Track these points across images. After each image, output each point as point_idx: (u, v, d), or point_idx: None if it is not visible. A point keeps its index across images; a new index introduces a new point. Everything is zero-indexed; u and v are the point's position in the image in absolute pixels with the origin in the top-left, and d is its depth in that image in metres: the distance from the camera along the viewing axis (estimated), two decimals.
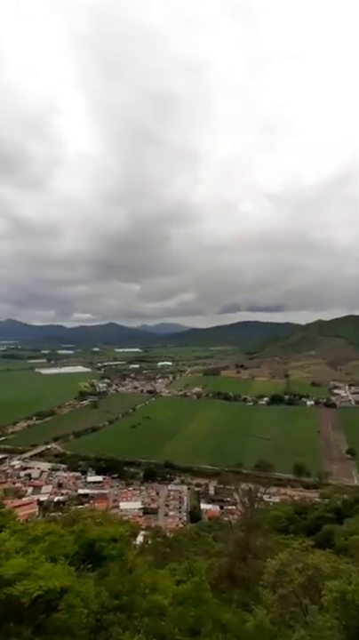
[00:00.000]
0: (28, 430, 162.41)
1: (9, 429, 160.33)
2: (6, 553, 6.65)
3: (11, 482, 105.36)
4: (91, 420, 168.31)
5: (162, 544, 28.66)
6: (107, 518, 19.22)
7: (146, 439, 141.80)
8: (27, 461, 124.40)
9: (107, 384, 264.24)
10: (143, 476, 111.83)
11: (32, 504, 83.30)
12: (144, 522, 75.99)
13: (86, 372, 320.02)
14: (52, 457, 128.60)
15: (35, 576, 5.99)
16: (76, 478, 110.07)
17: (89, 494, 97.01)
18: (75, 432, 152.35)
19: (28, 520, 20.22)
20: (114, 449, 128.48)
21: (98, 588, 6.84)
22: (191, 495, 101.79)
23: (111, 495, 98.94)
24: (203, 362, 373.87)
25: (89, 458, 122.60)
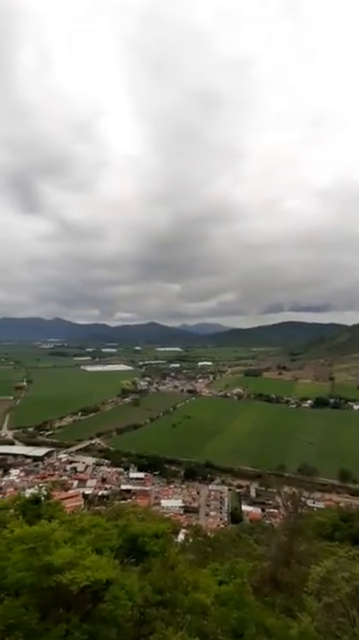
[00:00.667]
0: (74, 425, 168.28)
1: (56, 424, 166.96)
2: (56, 542, 6.97)
3: (58, 474, 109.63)
4: (133, 418, 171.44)
5: (203, 543, 28.68)
6: (149, 514, 19.54)
7: (186, 438, 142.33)
8: (72, 455, 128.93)
9: (148, 382, 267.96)
10: (184, 475, 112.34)
11: (78, 497, 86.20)
12: (185, 520, 76.35)
13: (128, 371, 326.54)
14: (96, 452, 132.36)
15: (82, 566, 6.23)
16: (119, 474, 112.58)
17: (131, 490, 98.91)
18: (117, 429, 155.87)
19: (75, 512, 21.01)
20: (155, 447, 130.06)
21: (141, 582, 6.99)
22: (232, 496, 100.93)
23: (152, 492, 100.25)
24: (244, 362, 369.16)
25: (131, 454, 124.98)
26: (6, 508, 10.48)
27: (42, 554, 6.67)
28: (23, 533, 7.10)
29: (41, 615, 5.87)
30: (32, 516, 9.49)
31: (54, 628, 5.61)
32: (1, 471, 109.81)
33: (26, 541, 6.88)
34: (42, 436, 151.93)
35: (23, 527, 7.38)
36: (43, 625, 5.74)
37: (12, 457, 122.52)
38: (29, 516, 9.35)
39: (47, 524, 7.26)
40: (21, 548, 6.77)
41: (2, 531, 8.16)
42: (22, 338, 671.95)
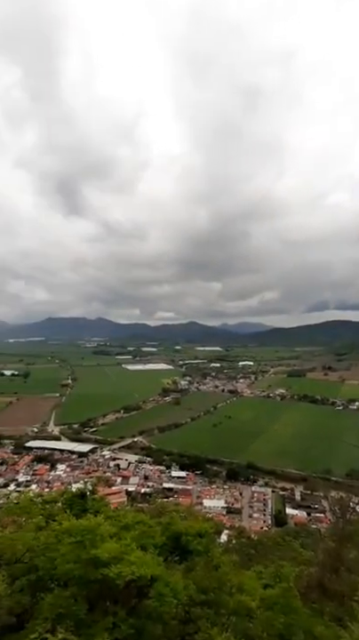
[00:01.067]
0: (116, 423, 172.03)
1: (99, 421, 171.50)
2: (102, 536, 7.14)
3: (102, 471, 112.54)
4: (174, 417, 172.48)
5: (246, 545, 28.31)
6: (191, 513, 19.57)
7: (227, 438, 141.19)
8: (115, 452, 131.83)
9: (189, 382, 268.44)
10: (226, 475, 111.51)
11: (121, 493, 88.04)
12: (227, 521, 75.78)
13: (169, 370, 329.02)
14: (139, 450, 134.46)
15: (127, 561, 6.34)
16: (161, 472, 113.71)
17: (173, 489, 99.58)
18: (159, 427, 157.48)
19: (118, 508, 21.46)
20: (196, 446, 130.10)
21: (185, 580, 6.99)
22: (275, 499, 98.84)
23: (194, 491, 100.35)
24: (286, 362, 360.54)
25: (172, 453, 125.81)
26: (54, 502, 10.87)
27: (89, 547, 6.85)
28: (71, 526, 7.33)
29: (89, 607, 6.03)
30: (79, 509, 9.78)
31: (102, 620, 5.74)
32: (48, 466, 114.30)
33: (73, 534, 7.10)
34: (86, 432, 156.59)
35: (71, 520, 7.61)
36: (91, 616, 5.90)
37: (59, 452, 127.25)
38: (76, 510, 9.64)
39: (93, 519, 7.45)
40: (69, 540, 7.00)
41: (51, 523, 8.47)
42: (67, 337, 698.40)
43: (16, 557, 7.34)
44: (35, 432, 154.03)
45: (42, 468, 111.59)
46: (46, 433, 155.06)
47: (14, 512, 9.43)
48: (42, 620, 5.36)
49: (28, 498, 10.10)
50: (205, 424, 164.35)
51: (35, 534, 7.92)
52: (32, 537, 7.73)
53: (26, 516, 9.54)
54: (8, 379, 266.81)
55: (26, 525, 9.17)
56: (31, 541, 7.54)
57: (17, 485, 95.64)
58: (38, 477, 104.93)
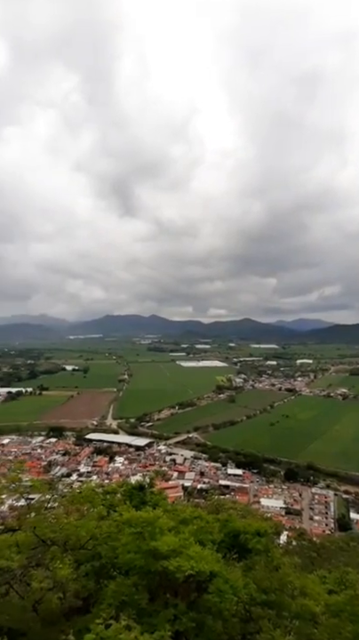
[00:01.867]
0: (172, 418, 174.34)
1: (155, 416, 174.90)
2: (160, 529, 7.26)
3: (158, 465, 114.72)
4: (229, 414, 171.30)
5: (308, 548, 27.41)
6: (249, 512, 19.32)
7: (285, 438, 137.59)
8: (171, 447, 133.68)
9: (244, 379, 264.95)
10: (284, 475, 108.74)
11: (177, 488, 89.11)
12: (287, 522, 73.92)
13: (223, 367, 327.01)
14: (194, 446, 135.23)
15: (186, 555, 6.39)
16: (217, 469, 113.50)
17: (229, 486, 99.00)
18: (214, 424, 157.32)
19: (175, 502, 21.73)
20: (252, 444, 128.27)
21: (245, 579, 6.90)
22: (338, 502, 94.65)
23: (251, 490, 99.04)
24: (349, 361, 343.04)
25: (228, 451, 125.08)
26: (114, 493, 11.22)
27: (148, 539, 6.99)
28: (131, 517, 7.52)
29: (150, 597, 6.16)
30: (138, 501, 10.03)
31: (163, 611, 5.84)
32: (107, 458, 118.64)
33: (133, 525, 7.28)
34: (142, 427, 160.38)
35: (131, 512, 7.80)
36: (152, 606, 6.02)
37: (117, 445, 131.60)
38: (135, 502, 9.89)
39: (152, 511, 7.58)
40: (130, 531, 7.19)
41: (112, 513, 8.76)
42: (123, 334, 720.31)
43: (80, 544, 7.67)
44: (95, 425, 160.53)
45: (101, 460, 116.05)
46: (105, 426, 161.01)
47: (78, 501, 9.85)
48: (106, 606, 5.56)
49: (90, 488, 10.51)
50: (262, 422, 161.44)
51: (97, 523, 8.23)
52: (95, 525, 8.03)
53: (88, 505, 9.92)
54: (69, 373, 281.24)
55: (88, 514, 9.54)
56: (94, 530, 7.84)
57: (79, 476, 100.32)
58: (98, 469, 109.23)
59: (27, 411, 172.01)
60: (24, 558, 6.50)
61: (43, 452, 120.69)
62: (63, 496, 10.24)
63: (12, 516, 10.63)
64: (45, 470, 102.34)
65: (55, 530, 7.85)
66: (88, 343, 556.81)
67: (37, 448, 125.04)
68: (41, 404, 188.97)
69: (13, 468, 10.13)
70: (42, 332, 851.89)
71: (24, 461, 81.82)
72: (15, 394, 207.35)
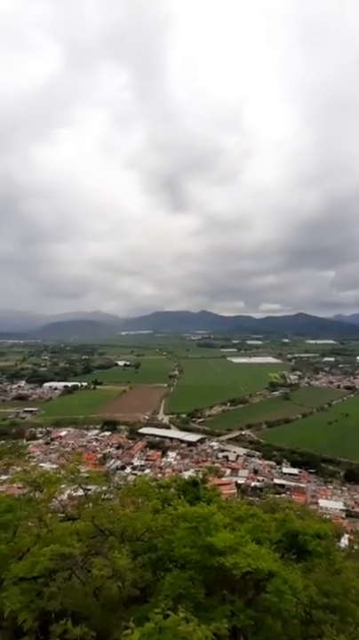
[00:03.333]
0: (223, 415, 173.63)
1: (206, 412, 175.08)
2: (216, 525, 7.23)
3: (210, 461, 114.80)
4: (283, 412, 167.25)
5: None
6: (306, 512, 18.73)
7: (345, 437, 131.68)
8: (223, 444, 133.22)
9: (299, 376, 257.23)
10: (344, 476, 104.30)
11: (231, 485, 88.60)
12: (348, 525, 70.81)
13: (276, 363, 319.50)
14: (247, 443, 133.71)
15: (243, 553, 6.30)
16: (271, 467, 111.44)
17: (285, 485, 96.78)
18: (267, 422, 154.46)
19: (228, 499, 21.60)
20: (308, 443, 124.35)
21: (305, 580, 6.69)
22: None
23: (308, 490, 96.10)
24: None
25: (283, 449, 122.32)
26: (168, 487, 11.34)
27: (203, 534, 6.98)
28: (186, 512, 7.56)
29: (206, 592, 6.17)
30: (192, 497, 10.06)
31: (220, 607, 5.82)
32: (160, 452, 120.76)
33: (188, 520, 7.31)
34: (193, 422, 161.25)
35: (185, 506, 7.84)
36: (209, 601, 6.02)
37: (169, 440, 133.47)
38: (189, 497, 9.93)
39: (207, 507, 7.57)
40: (185, 525, 7.23)
41: (166, 507, 8.87)
42: (173, 330, 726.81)
43: (136, 536, 7.83)
44: (147, 419, 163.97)
45: (154, 454, 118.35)
46: (157, 421, 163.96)
47: (133, 493, 10.08)
48: (163, 597, 5.63)
49: (145, 481, 10.71)
50: (319, 421, 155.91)
51: (152, 516, 8.36)
52: (150, 518, 8.16)
53: (143, 498, 10.11)
54: (121, 369, 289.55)
55: (144, 507, 9.72)
56: (149, 522, 7.97)
57: (132, 469, 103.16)
58: (151, 463, 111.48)
59: (82, 404, 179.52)
60: (84, 546, 6.77)
61: (99, 445, 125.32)
62: (118, 488, 10.53)
63: (72, 505, 11.12)
64: (101, 463, 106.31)
65: (112, 520, 8.08)
66: (139, 339, 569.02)
67: (93, 441, 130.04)
68: (95, 398, 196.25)
69: (72, 460, 10.57)
70: (95, 328, 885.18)
71: (81, 453, 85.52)
72: (71, 388, 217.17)
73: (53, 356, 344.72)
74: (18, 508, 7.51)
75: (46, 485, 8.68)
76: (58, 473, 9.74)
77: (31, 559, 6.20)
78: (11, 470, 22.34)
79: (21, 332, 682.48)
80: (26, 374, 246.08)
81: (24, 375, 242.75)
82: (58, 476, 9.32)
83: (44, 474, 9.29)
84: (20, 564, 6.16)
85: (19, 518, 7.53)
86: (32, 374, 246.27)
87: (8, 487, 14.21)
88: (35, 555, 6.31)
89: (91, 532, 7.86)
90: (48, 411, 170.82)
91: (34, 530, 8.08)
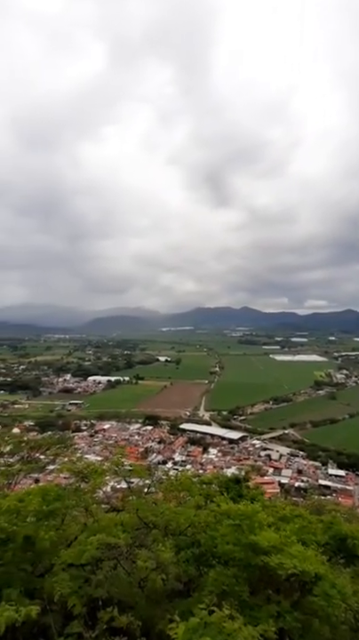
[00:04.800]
0: (265, 413, 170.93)
1: (248, 410, 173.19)
2: (260, 524, 7.10)
3: (252, 459, 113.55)
4: (329, 412, 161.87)
5: None
6: (354, 516, 18.02)
7: None
8: (266, 442, 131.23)
9: (346, 375, 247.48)
10: None
11: (274, 484, 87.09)
12: None
13: (321, 362, 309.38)
14: (291, 442, 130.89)
15: (288, 554, 6.15)
16: (316, 468, 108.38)
17: (330, 487, 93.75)
18: (312, 421, 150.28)
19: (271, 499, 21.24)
20: (356, 444, 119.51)
21: (354, 586, 6.42)
22: None
23: (356, 493, 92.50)
24: None
25: (328, 450, 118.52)
26: (210, 483, 11.31)
27: (247, 532, 6.87)
28: (229, 509, 7.48)
29: (250, 591, 6.09)
30: (234, 494, 9.95)
31: (265, 606, 5.71)
32: (201, 448, 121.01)
33: (232, 517, 7.23)
34: (235, 420, 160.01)
35: (228, 504, 7.77)
36: (254, 600, 5.93)
37: (210, 437, 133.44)
38: (232, 494, 9.83)
39: (251, 505, 7.45)
40: (228, 522, 7.16)
41: (209, 504, 8.84)
42: (213, 326, 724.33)
43: (180, 530, 7.87)
44: (188, 415, 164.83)
45: (195, 450, 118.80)
46: (197, 417, 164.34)
47: (176, 488, 10.11)
48: (207, 593, 5.63)
49: (187, 477, 10.72)
50: None
51: (195, 511, 8.36)
52: (193, 513, 8.17)
53: (186, 493, 10.13)
54: (162, 364, 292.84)
55: (186, 502, 9.74)
56: (192, 517, 7.99)
57: (174, 464, 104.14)
58: (192, 459, 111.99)
59: (124, 398, 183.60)
60: (129, 537, 6.90)
61: (140, 439, 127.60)
62: (161, 482, 10.62)
63: (115, 497, 11.37)
64: (142, 457, 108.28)
65: (156, 514, 8.17)
66: (180, 335, 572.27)
67: (135, 435, 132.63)
68: (137, 393, 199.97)
69: (116, 453, 10.78)
70: (137, 324, 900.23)
71: (124, 447, 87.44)
72: (114, 382, 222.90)
73: (97, 350, 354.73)
74: (66, 498, 7.77)
75: (92, 476, 8.92)
76: (102, 465, 9.98)
77: (79, 547, 6.40)
78: (59, 461, 23.31)
79: (67, 327, 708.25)
80: (71, 368, 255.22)
81: (69, 369, 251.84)
82: (103, 467, 9.54)
83: (90, 465, 9.55)
84: (69, 550, 6.39)
85: (67, 507, 7.78)
86: (77, 368, 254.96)
87: (55, 477, 14.82)
88: (82, 543, 6.50)
89: (135, 524, 8.00)
90: (92, 404, 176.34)
91: (81, 519, 8.34)
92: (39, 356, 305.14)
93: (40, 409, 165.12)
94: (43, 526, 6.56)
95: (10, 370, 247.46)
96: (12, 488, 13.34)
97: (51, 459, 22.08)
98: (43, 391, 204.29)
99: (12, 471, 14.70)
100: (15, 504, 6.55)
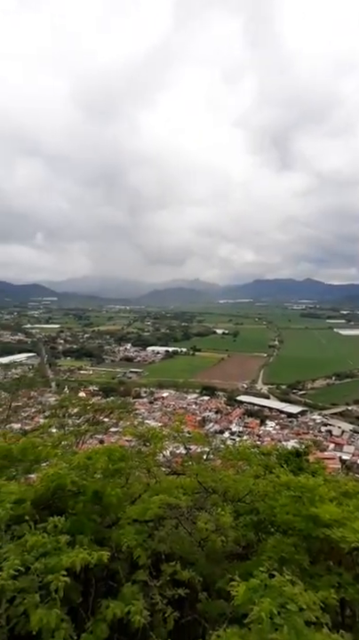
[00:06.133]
0: (327, 389, 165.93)
1: (308, 385, 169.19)
2: (321, 497, 7.01)
3: (312, 434, 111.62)
4: None
5: None
6: None
7: None
8: (327, 418, 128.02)
9: None
10: None
11: (335, 460, 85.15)
12: None
13: None
14: (354, 419, 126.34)
15: (351, 528, 6.04)
16: None
17: None
18: None
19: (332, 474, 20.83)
20: None
21: None
22: None
23: None
24: None
25: None
26: (269, 454, 11.29)
27: (308, 504, 6.82)
28: (289, 481, 7.44)
29: (310, 560, 6.09)
30: (294, 467, 9.86)
31: (326, 576, 5.71)
32: (258, 421, 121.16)
33: (292, 489, 7.19)
34: (294, 394, 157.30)
35: (288, 475, 7.73)
36: (314, 569, 5.95)
37: (268, 410, 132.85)
38: (292, 467, 9.74)
39: (312, 479, 7.35)
40: (288, 493, 7.14)
41: (268, 474, 8.85)
42: (274, 299, 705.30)
43: (238, 497, 8.00)
44: (245, 388, 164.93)
45: (252, 422, 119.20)
46: (255, 390, 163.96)
47: (234, 457, 10.22)
48: (266, 558, 5.72)
49: (246, 446, 10.77)
50: None
51: (254, 480, 8.41)
52: (252, 482, 8.24)
53: (244, 462, 10.22)
54: (219, 337, 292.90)
55: (245, 471, 9.84)
56: (251, 486, 8.05)
57: (231, 434, 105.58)
58: (249, 430, 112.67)
59: (181, 369, 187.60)
60: (189, 500, 7.14)
61: (198, 409, 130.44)
62: (218, 450, 10.79)
63: (174, 461, 11.78)
64: (200, 425, 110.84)
65: (215, 480, 8.35)
66: (238, 307, 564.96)
67: (192, 404, 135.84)
68: (194, 364, 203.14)
69: (176, 419, 11.08)
70: (194, 296, 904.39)
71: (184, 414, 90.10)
72: (172, 353, 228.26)
73: (155, 322, 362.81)
74: (129, 459, 8.18)
75: (153, 440, 9.28)
76: (162, 430, 10.33)
77: (142, 505, 6.76)
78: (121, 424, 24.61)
79: (127, 298, 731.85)
80: (131, 338, 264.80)
81: (130, 339, 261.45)
82: (163, 432, 9.89)
83: (151, 430, 9.93)
84: (134, 507, 6.78)
85: (131, 467, 8.19)
86: (137, 338, 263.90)
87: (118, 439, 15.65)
88: (145, 501, 6.85)
89: (194, 488, 8.25)
90: (151, 373, 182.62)
91: (143, 479, 8.78)
92: (102, 325, 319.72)
93: (103, 375, 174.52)
94: (110, 483, 6.99)
95: (76, 338, 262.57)
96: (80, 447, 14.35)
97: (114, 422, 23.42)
98: (105, 359, 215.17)
99: (81, 431, 15.81)
100: (84, 461, 7.04)
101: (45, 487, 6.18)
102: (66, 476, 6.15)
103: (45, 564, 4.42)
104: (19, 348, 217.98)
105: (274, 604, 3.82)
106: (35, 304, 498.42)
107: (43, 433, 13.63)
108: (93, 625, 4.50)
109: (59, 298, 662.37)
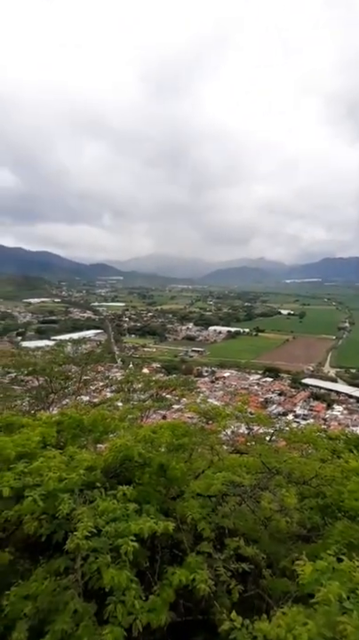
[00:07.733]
0: None
1: None
2: None
3: None
4: None
5: None
6: None
7: None
8: None
9: None
10: None
11: None
12: None
13: None
14: None
15: None
16: None
17: None
18: None
19: None
20: None
21: None
22: None
23: None
24: None
25: None
26: (336, 439, 10.89)
27: None
28: (358, 466, 7.16)
29: None
30: None
31: None
32: (325, 404, 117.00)
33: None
34: None
35: (358, 461, 7.43)
36: None
37: (335, 393, 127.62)
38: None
39: None
40: (358, 480, 6.86)
41: (335, 459, 8.55)
42: (346, 278, 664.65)
43: (304, 479, 7.84)
44: (311, 371, 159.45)
45: (318, 406, 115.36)
46: (321, 373, 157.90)
47: (300, 439, 10.00)
48: (333, 542, 5.56)
49: (313, 430, 10.48)
50: None
51: (320, 464, 8.18)
52: (318, 466, 8.01)
53: (309, 445, 9.96)
54: (284, 317, 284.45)
55: (310, 454, 9.60)
56: (318, 469, 7.84)
57: (295, 417, 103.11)
58: (314, 413, 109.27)
59: (244, 349, 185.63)
60: (252, 479, 7.13)
61: (260, 390, 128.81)
62: (282, 432, 10.60)
63: (237, 440, 11.77)
64: (262, 406, 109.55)
65: (279, 461, 8.23)
66: (305, 288, 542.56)
67: (254, 385, 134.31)
68: (257, 345, 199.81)
69: (239, 399, 11.01)
70: (259, 276, 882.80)
71: (247, 395, 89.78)
72: (234, 333, 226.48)
73: (218, 301, 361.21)
74: (192, 435, 8.31)
75: (216, 418, 9.34)
76: (225, 409, 10.34)
77: (206, 480, 6.89)
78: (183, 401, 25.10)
79: (190, 277, 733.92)
80: (193, 317, 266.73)
81: (192, 318, 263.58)
82: (227, 411, 9.90)
83: (214, 408, 9.99)
84: (198, 482, 6.93)
85: (194, 443, 8.32)
86: (199, 318, 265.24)
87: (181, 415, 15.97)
88: (209, 477, 6.96)
89: (258, 468, 8.21)
90: (212, 352, 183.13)
91: (207, 456, 8.91)
92: (164, 304, 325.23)
93: (166, 353, 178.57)
94: (174, 457, 7.19)
95: (139, 316, 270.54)
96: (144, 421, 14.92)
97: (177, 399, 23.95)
98: (168, 337, 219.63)
99: (145, 406, 16.41)
100: (150, 434, 7.30)
101: (114, 457, 6.53)
102: (133, 448, 6.43)
103: (115, 529, 4.69)
104: (87, 324, 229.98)
105: (343, 588, 3.72)
106: (102, 282, 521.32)
107: (111, 406, 14.39)
108: (160, 589, 4.73)
109: (124, 277, 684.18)
